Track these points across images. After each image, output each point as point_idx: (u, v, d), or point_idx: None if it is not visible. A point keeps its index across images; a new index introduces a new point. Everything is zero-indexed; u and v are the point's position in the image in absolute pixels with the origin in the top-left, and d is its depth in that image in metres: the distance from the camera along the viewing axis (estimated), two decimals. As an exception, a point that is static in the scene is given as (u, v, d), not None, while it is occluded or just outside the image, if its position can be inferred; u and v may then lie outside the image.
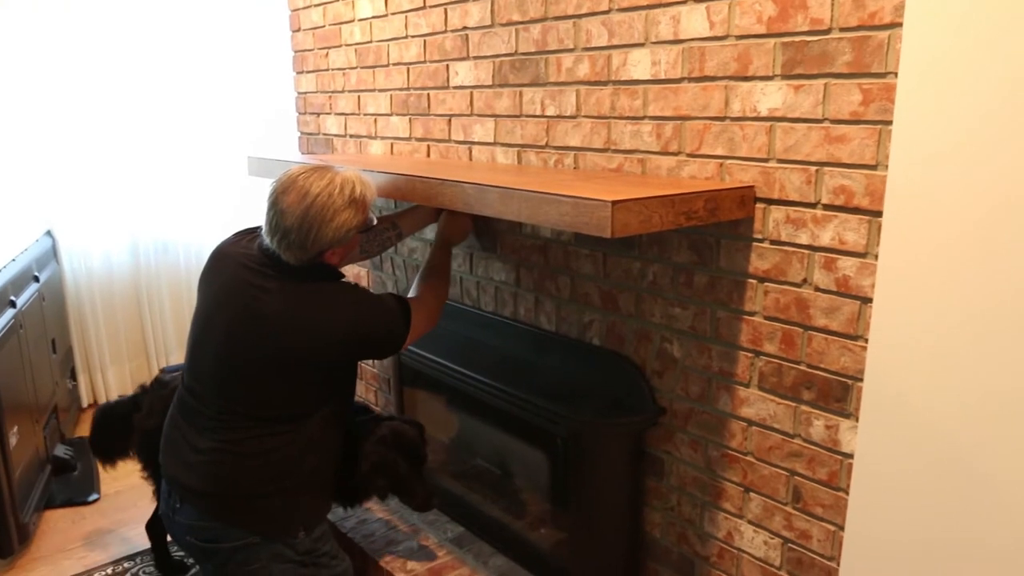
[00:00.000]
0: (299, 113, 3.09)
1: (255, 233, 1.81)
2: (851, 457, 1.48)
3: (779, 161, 1.49)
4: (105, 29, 3.53)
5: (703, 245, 1.67)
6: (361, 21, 2.58)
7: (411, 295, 1.92)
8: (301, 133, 3.11)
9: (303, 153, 3.08)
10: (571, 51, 1.86)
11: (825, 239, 1.45)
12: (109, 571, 2.43)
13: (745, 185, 1.54)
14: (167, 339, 3.96)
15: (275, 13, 3.52)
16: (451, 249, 2.14)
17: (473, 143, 2.23)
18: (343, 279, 1.81)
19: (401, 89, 2.47)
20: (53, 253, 3.53)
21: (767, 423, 1.62)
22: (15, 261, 2.89)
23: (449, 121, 2.30)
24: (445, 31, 2.23)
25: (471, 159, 2.25)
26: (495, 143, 2.15)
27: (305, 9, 2.88)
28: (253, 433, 1.72)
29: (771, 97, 1.48)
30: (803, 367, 1.54)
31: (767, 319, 1.58)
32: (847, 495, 1.50)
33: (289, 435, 1.74)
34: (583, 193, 1.38)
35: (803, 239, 1.48)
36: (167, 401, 1.92)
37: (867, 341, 1.41)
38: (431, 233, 2.44)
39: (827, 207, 1.44)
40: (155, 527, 2.38)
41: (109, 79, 3.58)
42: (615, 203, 1.31)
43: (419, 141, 2.45)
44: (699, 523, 1.82)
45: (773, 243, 1.54)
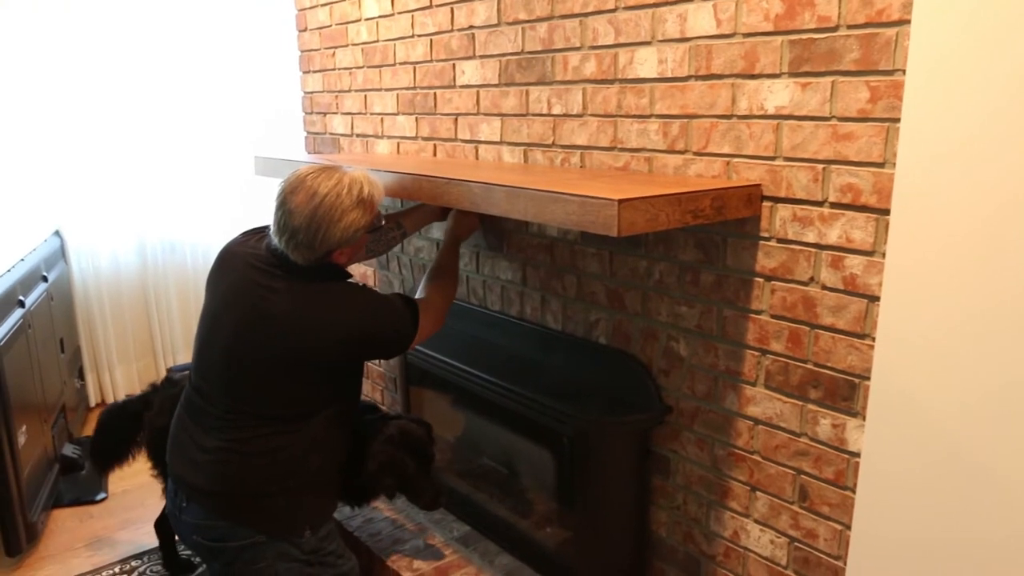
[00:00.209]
0: (305, 112, 3.10)
1: (263, 233, 1.82)
2: (858, 456, 1.48)
3: (786, 159, 1.49)
4: (112, 30, 3.55)
5: (710, 244, 1.67)
6: (367, 20, 2.58)
7: (418, 296, 1.93)
8: (307, 132, 3.12)
9: (309, 153, 3.09)
10: (577, 50, 1.86)
11: (832, 237, 1.44)
12: (117, 570, 2.44)
13: (752, 183, 1.54)
14: (174, 338, 3.98)
15: (280, 12, 3.53)
16: (458, 248, 2.13)
17: (479, 142, 2.23)
18: (350, 279, 1.81)
19: (408, 88, 2.47)
20: (61, 253, 3.54)
21: (774, 422, 1.62)
22: (24, 261, 2.91)
23: (455, 120, 2.30)
24: (451, 30, 2.23)
25: (477, 158, 2.25)
26: (501, 142, 2.15)
27: (311, 9, 2.88)
28: (260, 432, 1.72)
29: (778, 95, 1.48)
30: (810, 366, 1.53)
31: (774, 317, 1.58)
32: (854, 494, 1.49)
33: (295, 434, 1.74)
34: (589, 192, 1.38)
35: (810, 237, 1.48)
36: (177, 399, 1.93)
37: (874, 340, 1.40)
38: (437, 232, 2.45)
39: (834, 205, 1.43)
40: (163, 525, 2.39)
41: (117, 80, 3.60)
42: (621, 202, 1.31)
43: (425, 140, 2.45)
44: (705, 522, 1.81)
45: (780, 241, 1.54)
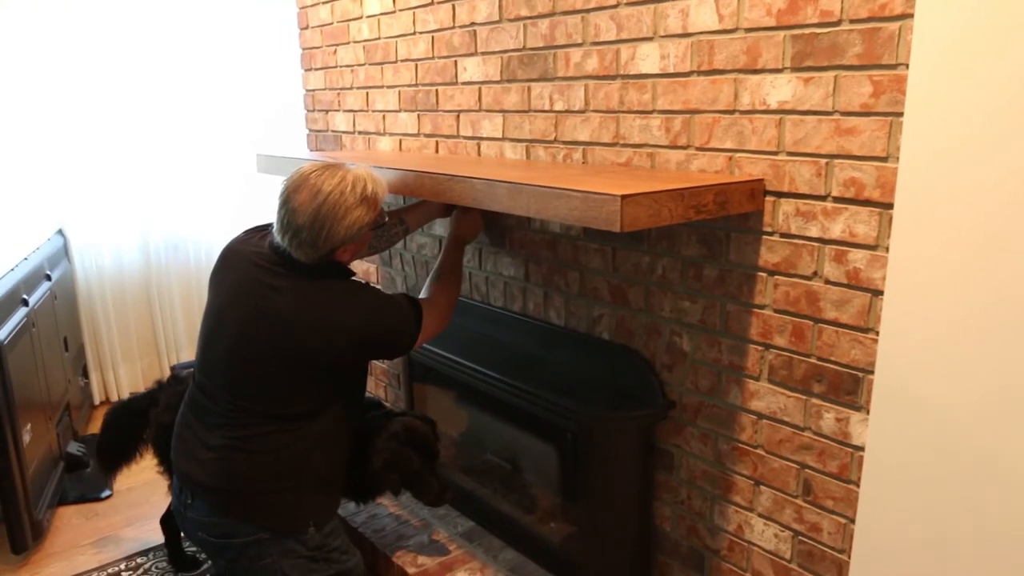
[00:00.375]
0: (307, 110, 3.10)
1: (266, 231, 1.82)
2: (862, 450, 1.48)
3: (789, 154, 1.49)
4: (114, 29, 3.55)
5: (713, 239, 1.67)
6: (369, 18, 2.58)
7: (422, 295, 1.93)
8: (310, 130, 3.12)
9: (312, 150, 3.09)
10: (579, 46, 1.86)
11: (835, 232, 1.45)
12: (123, 567, 2.45)
13: (755, 178, 1.54)
14: (178, 336, 3.99)
15: (282, 10, 3.53)
16: (463, 249, 2.14)
17: (482, 139, 2.23)
18: (354, 277, 1.82)
19: (409, 85, 2.47)
20: (65, 252, 3.55)
21: (777, 416, 1.62)
22: (27, 260, 2.91)
23: (457, 117, 2.30)
24: (453, 27, 2.23)
25: (479, 155, 2.25)
26: (504, 138, 2.15)
27: (313, 7, 2.88)
28: (263, 430, 1.73)
29: (781, 90, 1.48)
30: (813, 360, 1.53)
31: (777, 312, 1.58)
32: (858, 488, 1.50)
33: (299, 432, 1.75)
34: (592, 187, 1.38)
35: (813, 232, 1.48)
36: (183, 396, 1.93)
37: (878, 334, 1.40)
38: (440, 228, 2.45)
39: (837, 200, 1.43)
40: (169, 522, 2.40)
41: (119, 78, 3.60)
42: (624, 197, 1.31)
43: (428, 137, 2.45)
44: (709, 516, 1.82)
45: (783, 236, 1.54)
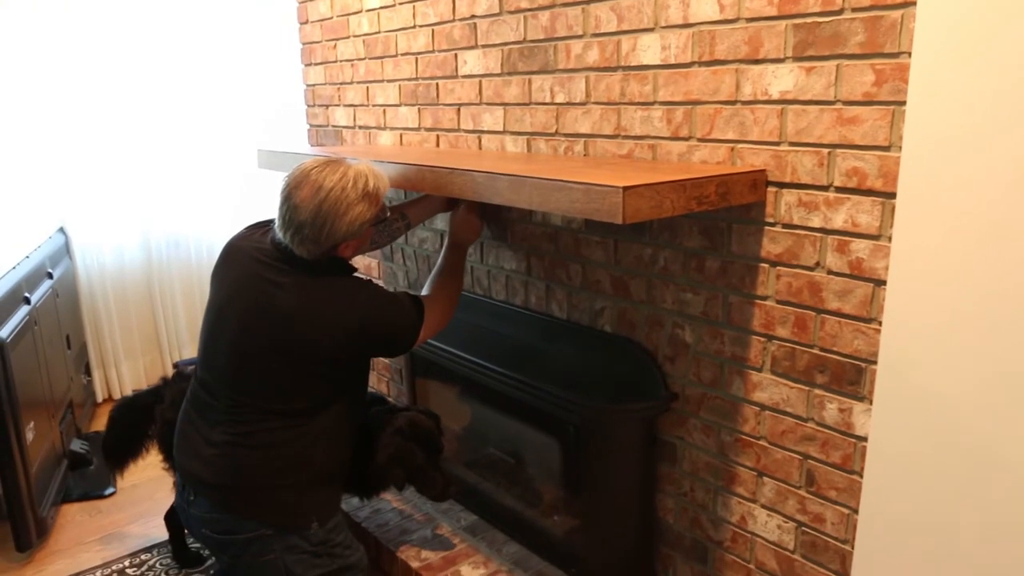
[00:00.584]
0: (308, 105, 3.10)
1: (268, 227, 1.82)
2: (865, 440, 1.48)
3: (791, 144, 1.49)
4: (114, 26, 3.54)
5: (715, 230, 1.66)
6: (369, 12, 2.58)
7: (424, 292, 1.93)
8: (310, 125, 3.11)
9: (312, 145, 3.09)
10: (580, 37, 1.85)
11: (838, 222, 1.44)
12: (127, 563, 2.45)
13: (757, 169, 1.53)
14: (180, 333, 3.99)
15: (282, 6, 3.52)
16: (464, 250, 2.13)
17: (482, 132, 2.22)
18: (355, 273, 1.81)
19: (410, 79, 2.47)
20: (66, 250, 3.54)
21: (780, 407, 1.62)
22: (29, 258, 2.91)
23: (458, 110, 2.30)
24: (453, 20, 2.22)
25: (480, 148, 2.25)
26: (504, 131, 2.15)
27: (312, 1, 2.88)
28: (265, 426, 1.73)
29: (782, 80, 1.47)
30: (816, 351, 1.53)
31: (780, 303, 1.58)
32: (861, 478, 1.50)
33: (301, 428, 1.75)
34: (594, 179, 1.38)
35: (816, 222, 1.48)
36: None
37: (881, 324, 1.40)
38: (441, 223, 2.45)
39: (840, 189, 1.43)
40: (173, 518, 2.40)
41: (120, 76, 3.59)
42: (626, 189, 1.31)
43: (428, 131, 2.45)
44: (712, 508, 1.82)
45: (785, 227, 1.53)
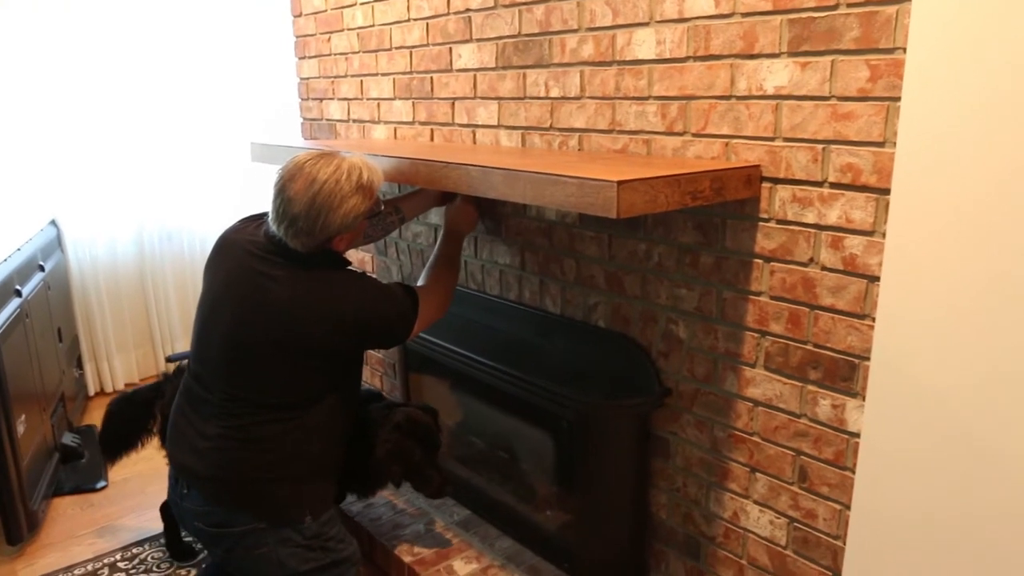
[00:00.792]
0: (302, 99, 3.08)
1: (261, 220, 1.81)
2: (858, 436, 1.48)
3: (785, 140, 1.49)
4: (108, 20, 3.51)
5: (709, 225, 1.66)
6: (363, 5, 2.56)
7: (419, 284, 1.92)
8: (304, 119, 3.10)
9: (306, 139, 3.07)
10: (575, 31, 1.85)
11: (832, 218, 1.44)
12: (118, 556, 2.45)
13: (751, 164, 1.53)
14: (172, 327, 3.97)
15: (277, 1, 3.51)
16: (460, 241, 2.12)
17: (477, 126, 2.22)
18: (349, 266, 1.81)
19: (404, 73, 2.46)
20: (58, 242, 3.53)
21: (773, 403, 1.62)
22: (20, 251, 2.89)
23: (452, 104, 2.29)
24: (448, 13, 2.21)
25: (475, 142, 2.24)
26: (499, 126, 2.14)
27: (306, -6, 2.86)
28: (259, 420, 1.72)
29: (777, 75, 1.47)
30: (809, 347, 1.53)
31: (773, 299, 1.58)
32: (853, 474, 1.50)
33: (295, 422, 1.74)
34: (588, 174, 1.38)
35: (810, 218, 1.48)
36: None
37: (874, 320, 1.40)
38: (435, 217, 2.44)
39: (834, 185, 1.43)
40: (169, 510, 2.39)
41: (113, 69, 3.57)
42: (621, 183, 1.31)
43: (422, 125, 2.44)
44: (705, 504, 1.82)
45: (779, 222, 1.53)
